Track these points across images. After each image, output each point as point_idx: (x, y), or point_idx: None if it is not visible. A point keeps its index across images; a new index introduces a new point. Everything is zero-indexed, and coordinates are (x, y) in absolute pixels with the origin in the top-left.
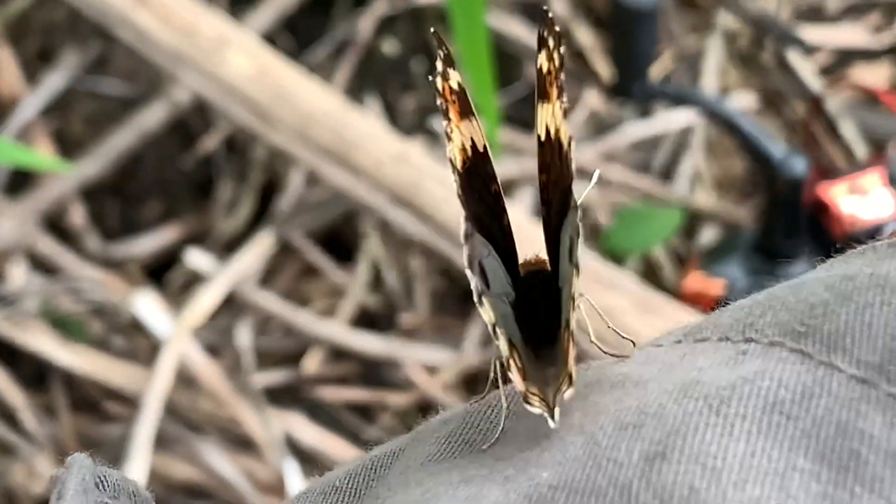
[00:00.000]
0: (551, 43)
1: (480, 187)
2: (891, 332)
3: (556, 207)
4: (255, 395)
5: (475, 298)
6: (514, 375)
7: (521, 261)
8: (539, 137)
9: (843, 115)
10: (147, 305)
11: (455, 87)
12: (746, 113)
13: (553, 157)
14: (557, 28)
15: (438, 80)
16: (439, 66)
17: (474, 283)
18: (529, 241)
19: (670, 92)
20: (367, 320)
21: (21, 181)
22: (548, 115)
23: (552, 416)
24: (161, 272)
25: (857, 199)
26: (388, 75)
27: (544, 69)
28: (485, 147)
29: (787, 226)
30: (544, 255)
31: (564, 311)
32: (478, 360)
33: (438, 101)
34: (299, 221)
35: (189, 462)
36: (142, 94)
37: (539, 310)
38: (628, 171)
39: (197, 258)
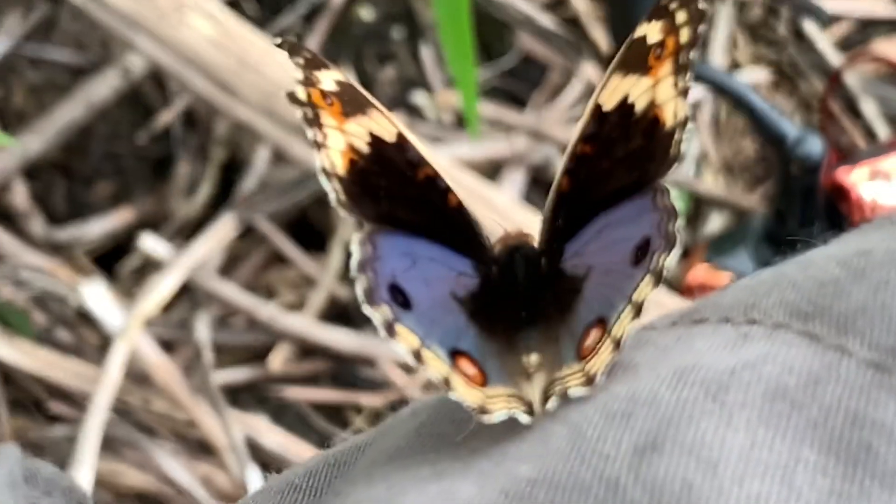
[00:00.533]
0: (681, 17)
1: (397, 180)
2: None
3: (584, 183)
4: (215, 394)
5: (382, 333)
6: (462, 390)
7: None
8: (599, 106)
9: (864, 91)
10: (96, 296)
11: (331, 87)
12: (758, 89)
13: (612, 132)
14: (701, 4)
15: (300, 90)
16: (299, 74)
17: (378, 317)
18: (518, 225)
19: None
20: (338, 313)
21: None
22: (639, 89)
23: (530, 412)
24: (112, 259)
25: (879, 183)
26: (364, 44)
27: (649, 40)
28: (400, 134)
29: (802, 213)
30: (528, 230)
31: (603, 309)
32: None
33: (301, 113)
34: (265, 204)
35: (141, 468)
36: (91, 61)
37: (517, 290)
38: None
39: (151, 244)
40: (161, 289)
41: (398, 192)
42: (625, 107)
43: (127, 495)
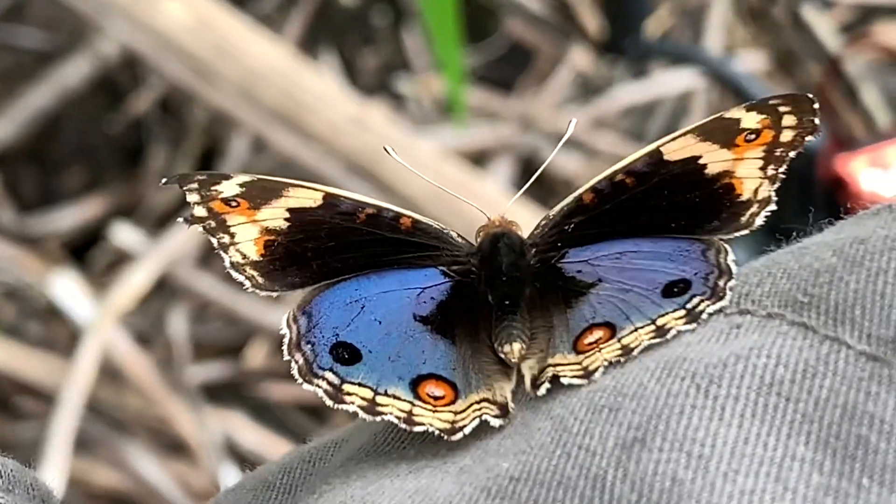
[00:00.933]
0: (788, 121)
1: (330, 235)
2: None
3: (614, 209)
4: (190, 391)
5: (330, 403)
6: (430, 418)
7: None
8: (660, 152)
9: (864, 78)
10: (67, 287)
11: (233, 192)
12: (755, 75)
13: (666, 179)
14: (815, 120)
15: (199, 209)
16: (195, 197)
17: (322, 388)
18: (503, 214)
19: (668, 50)
20: None
21: None
22: (716, 157)
23: (502, 414)
24: (83, 250)
25: (878, 172)
26: (346, 29)
27: (744, 124)
28: (326, 195)
29: (799, 203)
30: (512, 219)
31: (614, 317)
32: None
33: (201, 228)
34: None
35: (113, 466)
36: (63, 46)
37: (499, 277)
38: (619, 140)
39: (124, 234)
40: (135, 281)
41: (332, 245)
42: (692, 164)
43: (99, 495)
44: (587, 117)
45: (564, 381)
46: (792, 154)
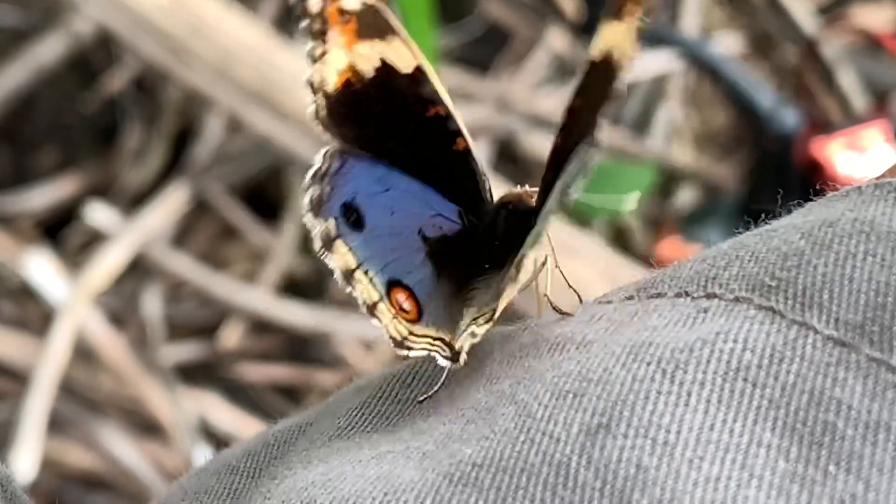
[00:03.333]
0: None
1: (397, 111)
2: (875, 286)
3: (574, 138)
4: (164, 372)
5: (318, 245)
6: (387, 320)
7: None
8: (594, 58)
9: (841, 61)
10: (40, 267)
11: (354, 6)
12: (731, 57)
13: (597, 81)
14: None
15: (315, 4)
16: None
17: (318, 227)
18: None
19: (645, 32)
20: (293, 288)
21: None
22: (615, 34)
23: (454, 359)
24: (57, 229)
25: (854, 156)
26: None
27: None
28: (418, 67)
29: (776, 186)
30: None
31: (526, 245)
32: None
33: (306, 24)
34: (217, 174)
35: (87, 447)
36: (37, 24)
37: (491, 246)
38: None
39: (99, 214)
40: (109, 261)
41: (393, 122)
42: (605, 55)
43: (72, 475)
44: (564, 99)
45: (478, 337)
46: None
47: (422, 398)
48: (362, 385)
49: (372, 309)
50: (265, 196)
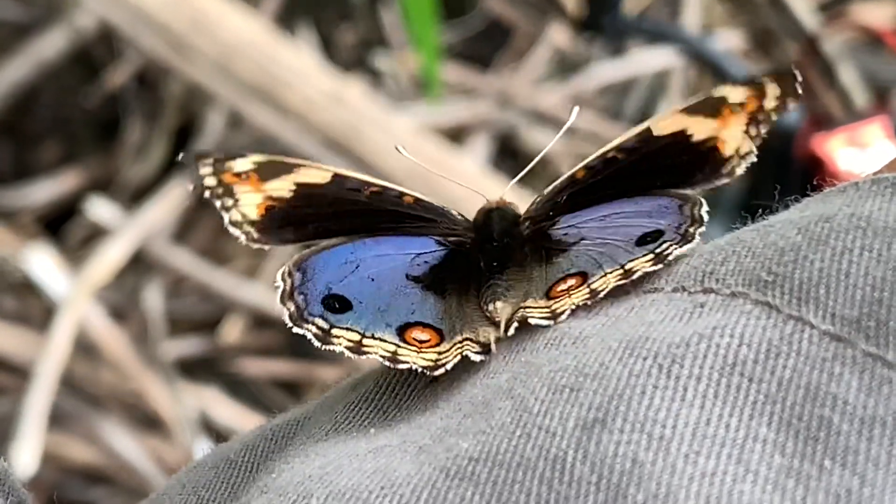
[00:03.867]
0: (772, 90)
1: (331, 206)
2: (871, 281)
3: (605, 179)
4: (165, 366)
5: (317, 343)
6: (414, 357)
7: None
8: (650, 129)
9: (842, 58)
10: (41, 262)
11: (246, 167)
12: (732, 53)
13: (655, 151)
14: (798, 88)
15: (210, 180)
16: (207, 170)
17: (311, 330)
18: (483, 190)
19: (646, 28)
20: None
21: None
22: (702, 126)
23: (486, 351)
24: (59, 224)
25: (855, 152)
26: (323, 4)
27: (730, 99)
28: (335, 175)
29: (777, 182)
30: (508, 199)
31: (588, 267)
32: None
33: (207, 193)
34: None
35: (87, 441)
36: (39, 18)
37: (491, 246)
38: (597, 118)
39: (100, 209)
40: (110, 256)
41: (332, 212)
42: (679, 136)
43: (72, 470)
44: (564, 95)
45: (532, 321)
46: (774, 117)
47: (421, 390)
48: (359, 380)
49: (395, 359)
50: None
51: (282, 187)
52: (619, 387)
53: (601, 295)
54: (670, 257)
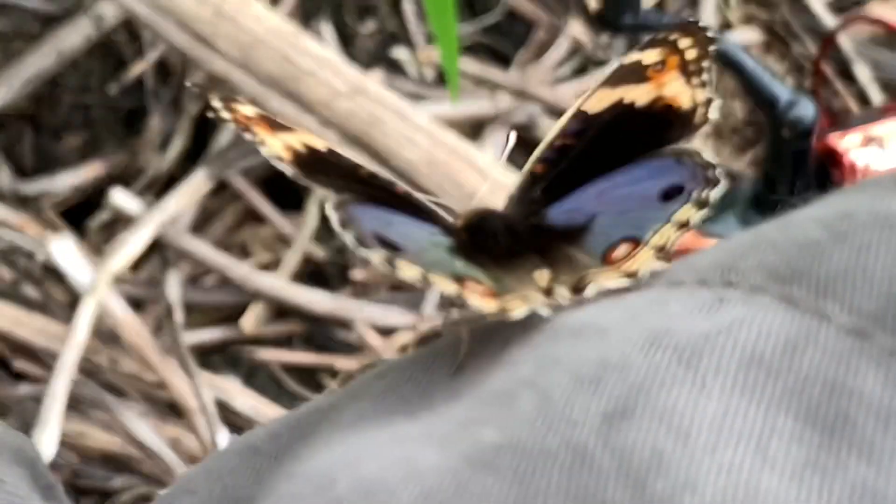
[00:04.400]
0: (685, 43)
1: (343, 176)
2: (892, 276)
3: (568, 166)
4: (185, 355)
5: (384, 267)
6: (479, 300)
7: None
8: (583, 112)
9: (859, 54)
10: (64, 251)
11: (251, 113)
12: (749, 49)
13: (600, 127)
14: (708, 33)
15: (225, 113)
16: (219, 104)
17: (376, 255)
18: (501, 185)
19: (665, 24)
20: (314, 274)
21: None
22: (636, 92)
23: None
24: (81, 214)
25: (872, 150)
26: None
27: (645, 61)
28: (329, 148)
29: (793, 178)
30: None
31: (629, 231)
32: (438, 322)
33: (235, 123)
34: (239, 160)
35: (108, 429)
36: (62, 9)
37: (494, 245)
38: None
39: (122, 199)
40: (131, 245)
41: (344, 179)
42: (619, 107)
43: (93, 457)
44: (584, 89)
45: (610, 285)
46: (706, 63)
47: (444, 380)
48: (384, 370)
49: (461, 297)
50: (286, 183)
51: (294, 141)
52: (640, 378)
53: (670, 249)
54: (712, 200)
